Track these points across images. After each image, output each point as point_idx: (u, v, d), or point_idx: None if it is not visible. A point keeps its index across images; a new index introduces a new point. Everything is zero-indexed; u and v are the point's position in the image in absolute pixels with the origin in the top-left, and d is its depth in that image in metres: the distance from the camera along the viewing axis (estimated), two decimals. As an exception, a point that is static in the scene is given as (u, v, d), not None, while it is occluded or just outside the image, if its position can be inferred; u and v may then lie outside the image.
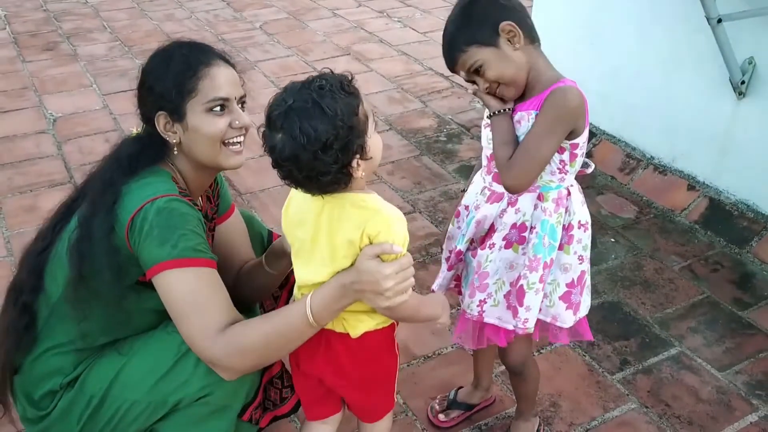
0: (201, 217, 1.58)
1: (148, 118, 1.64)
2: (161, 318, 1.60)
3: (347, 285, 1.41)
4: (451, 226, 1.88)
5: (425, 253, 2.83)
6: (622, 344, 2.40)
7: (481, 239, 1.79)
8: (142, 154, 1.63)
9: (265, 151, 1.37)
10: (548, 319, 1.77)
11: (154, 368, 1.58)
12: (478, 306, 1.78)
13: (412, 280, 1.43)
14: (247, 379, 1.59)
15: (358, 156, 1.36)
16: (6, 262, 2.72)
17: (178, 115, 1.58)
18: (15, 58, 4.68)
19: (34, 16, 5.49)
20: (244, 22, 5.44)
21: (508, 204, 1.72)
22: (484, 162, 1.79)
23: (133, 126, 1.72)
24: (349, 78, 1.40)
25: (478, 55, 1.59)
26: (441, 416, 2.10)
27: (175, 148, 1.63)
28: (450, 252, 1.85)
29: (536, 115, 1.59)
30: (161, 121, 1.60)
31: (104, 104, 4.03)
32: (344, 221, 1.45)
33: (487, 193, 1.75)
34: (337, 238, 1.45)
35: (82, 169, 3.28)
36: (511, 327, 1.76)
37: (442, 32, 1.64)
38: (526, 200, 1.70)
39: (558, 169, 1.69)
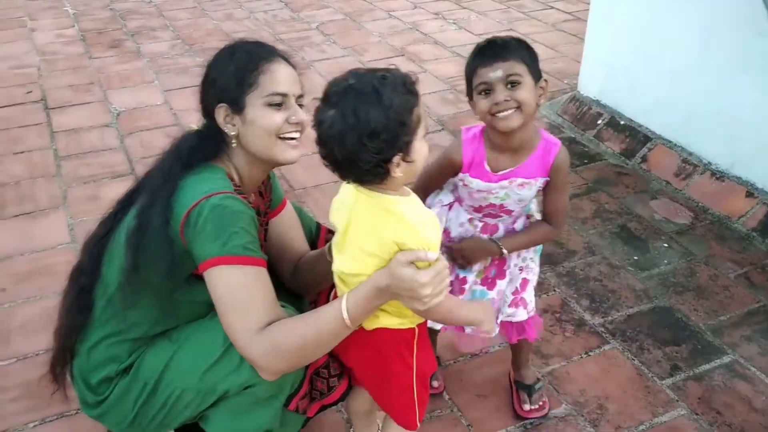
0: (254, 215, 1.61)
1: (208, 112, 1.68)
2: (210, 311, 1.64)
3: (383, 288, 1.43)
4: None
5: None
6: (672, 350, 2.36)
7: (485, 270, 1.97)
8: (200, 147, 1.67)
9: (312, 126, 1.40)
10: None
11: (204, 357, 1.62)
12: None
13: (447, 282, 1.44)
14: (289, 375, 1.62)
15: (401, 154, 1.37)
16: (69, 248, 2.84)
17: (237, 107, 1.63)
18: (83, 55, 4.86)
19: (101, 15, 5.69)
20: (301, 22, 5.53)
21: (506, 233, 1.93)
22: (470, 204, 1.91)
23: (193, 122, 1.77)
24: (413, 78, 1.42)
25: (525, 75, 1.70)
26: (435, 383, 2.18)
27: (233, 142, 1.67)
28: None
29: (549, 180, 1.82)
30: (221, 113, 1.64)
31: (165, 100, 4.16)
32: (371, 222, 1.46)
33: (479, 224, 1.92)
34: (362, 237, 1.47)
35: (142, 162, 3.39)
36: (525, 318, 2.02)
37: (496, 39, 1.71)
38: (519, 225, 1.95)
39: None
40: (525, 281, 2.00)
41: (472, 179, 1.82)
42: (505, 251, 1.90)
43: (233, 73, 1.64)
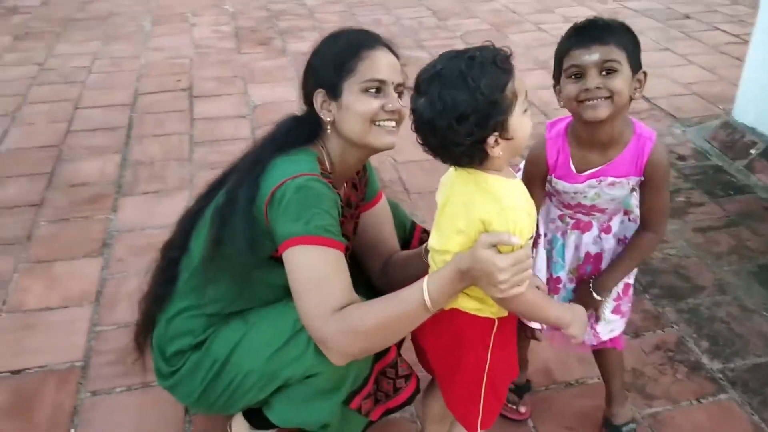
0: (338, 200, 1.58)
1: (308, 97, 1.68)
2: (286, 295, 1.62)
3: (464, 271, 1.37)
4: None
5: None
6: (803, 411, 2.06)
7: (578, 267, 1.81)
8: (295, 131, 1.68)
9: (410, 114, 1.40)
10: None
11: (271, 340, 1.60)
12: (591, 330, 1.83)
13: (530, 272, 1.38)
14: (354, 364, 1.56)
15: (497, 134, 1.33)
16: (187, 227, 2.94)
17: (335, 93, 1.61)
18: (233, 50, 5.11)
19: (256, 14, 5.96)
20: (446, 30, 5.49)
21: (601, 231, 1.76)
22: (562, 202, 1.77)
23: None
24: (507, 53, 1.36)
25: (623, 63, 1.53)
26: (522, 408, 2.04)
27: (329, 127, 1.65)
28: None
29: (644, 181, 1.64)
30: (319, 98, 1.63)
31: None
32: (464, 198, 1.42)
33: (571, 221, 1.77)
34: (454, 213, 1.43)
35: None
36: (624, 327, 1.87)
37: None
38: (616, 222, 1.77)
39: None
40: (627, 286, 1.81)
41: (557, 180, 1.68)
42: (599, 297, 1.75)
43: (333, 59, 1.63)
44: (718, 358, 2.25)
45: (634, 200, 1.76)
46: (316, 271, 1.48)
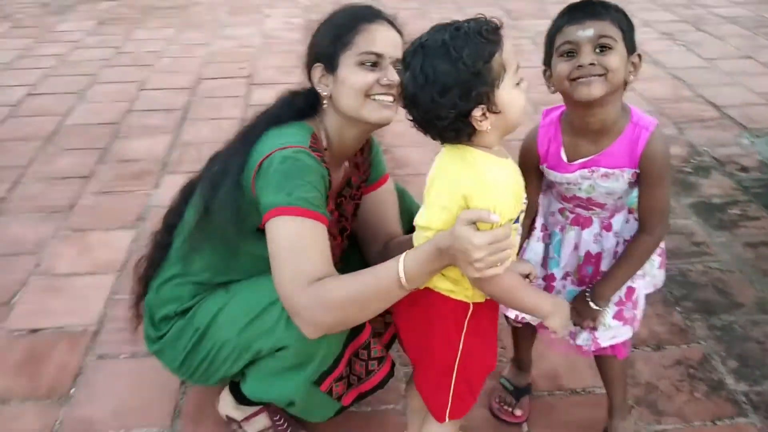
0: (326, 174, 1.56)
1: (308, 73, 1.67)
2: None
3: (443, 249, 1.32)
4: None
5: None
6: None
7: (579, 268, 1.71)
8: (292, 105, 1.68)
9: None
10: (651, 289, 1.76)
11: (246, 312, 1.59)
12: (591, 335, 1.72)
13: (508, 253, 1.32)
14: (324, 341, 1.52)
15: (483, 107, 1.29)
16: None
17: (332, 66, 1.59)
18: (298, 41, 5.08)
19: (329, 9, 6.00)
20: (517, 30, 5.38)
21: (602, 228, 1.66)
22: (560, 195, 1.68)
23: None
24: (496, 24, 1.31)
25: (619, 40, 1.45)
26: (518, 411, 1.94)
27: (326, 102, 1.63)
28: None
29: (640, 175, 1.53)
30: (317, 73, 1.62)
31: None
32: (448, 172, 1.38)
33: (570, 215, 1.66)
34: (439, 187, 1.39)
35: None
36: (631, 335, 1.72)
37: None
38: (618, 220, 1.65)
39: None
40: (631, 290, 1.68)
41: (548, 171, 1.59)
42: (596, 306, 1.64)
43: (331, 32, 1.62)
44: (745, 379, 2.08)
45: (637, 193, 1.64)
46: (295, 241, 1.46)
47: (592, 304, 1.64)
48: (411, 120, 1.37)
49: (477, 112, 1.29)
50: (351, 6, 1.67)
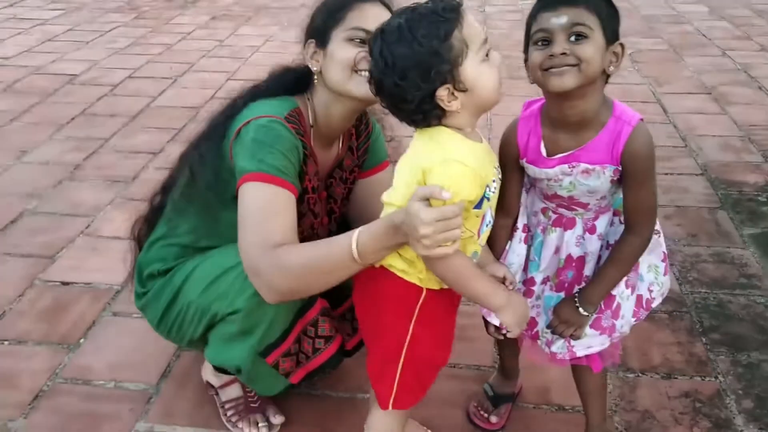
0: (299, 145, 1.59)
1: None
2: None
3: (397, 225, 1.32)
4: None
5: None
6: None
7: (558, 272, 1.62)
8: (281, 80, 1.73)
9: None
10: (661, 300, 1.65)
11: (209, 274, 1.65)
12: (566, 343, 1.62)
13: (457, 233, 1.28)
14: (271, 310, 1.55)
15: (448, 86, 1.28)
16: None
17: (323, 42, 1.63)
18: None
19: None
20: (617, 47, 5.16)
21: (586, 230, 1.57)
22: (542, 193, 1.60)
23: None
24: (455, 3, 1.30)
25: (595, 29, 1.36)
26: (493, 418, 1.87)
27: (316, 78, 1.66)
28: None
29: (623, 173, 1.45)
30: (310, 49, 1.66)
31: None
32: (415, 150, 1.38)
33: (553, 216, 1.58)
34: (403, 165, 1.39)
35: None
36: (607, 345, 1.62)
37: None
38: (602, 222, 1.57)
39: None
40: (611, 298, 1.57)
41: (528, 165, 1.52)
42: (585, 312, 1.56)
43: (326, 9, 1.65)
44: (757, 421, 1.89)
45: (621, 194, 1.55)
46: (262, 206, 1.50)
47: (581, 309, 1.56)
48: (383, 106, 1.38)
49: (442, 92, 1.28)
50: None
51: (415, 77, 1.27)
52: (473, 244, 1.44)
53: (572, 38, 1.35)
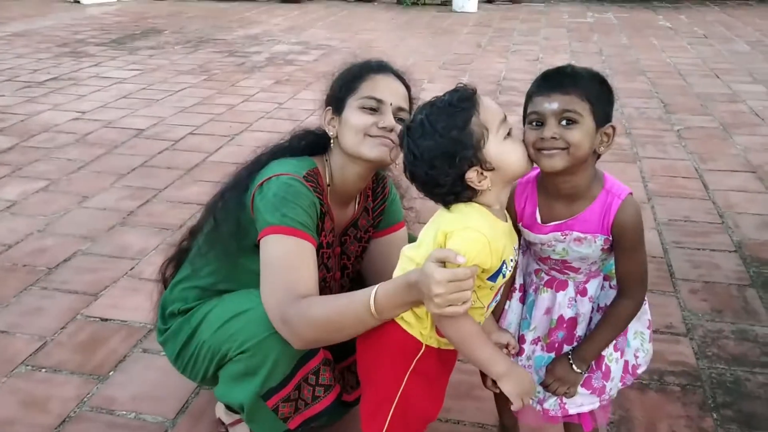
0: (317, 202, 1.72)
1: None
2: None
3: (412, 283, 1.42)
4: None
5: (658, 379, 2.33)
6: None
7: (550, 332, 1.69)
8: (305, 141, 1.88)
9: None
10: (645, 367, 1.71)
11: (223, 315, 1.76)
12: (559, 401, 1.69)
13: (467, 295, 1.37)
14: (273, 353, 1.65)
15: (476, 168, 1.40)
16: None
17: (338, 109, 1.77)
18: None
19: (486, 87, 6.22)
20: (665, 123, 5.19)
21: (577, 293, 1.64)
22: (536, 256, 1.69)
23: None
24: (467, 92, 1.42)
25: (585, 115, 1.46)
26: None
27: (333, 142, 1.80)
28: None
29: (614, 242, 1.54)
30: (327, 115, 1.81)
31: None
32: (440, 214, 1.49)
33: (546, 277, 1.66)
34: (429, 227, 1.50)
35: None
36: (597, 406, 1.68)
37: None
38: (593, 286, 1.64)
39: None
40: (600, 359, 1.65)
41: (524, 229, 1.62)
42: (578, 370, 1.63)
43: (342, 79, 1.80)
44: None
45: (613, 260, 1.63)
46: (287, 257, 1.63)
47: (575, 366, 1.62)
48: (419, 190, 1.50)
49: (471, 174, 1.41)
50: (365, 60, 1.85)
51: (443, 165, 1.40)
52: (480, 316, 1.54)
53: (563, 122, 1.45)
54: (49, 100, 5.59)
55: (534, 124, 1.49)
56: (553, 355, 1.68)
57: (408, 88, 1.84)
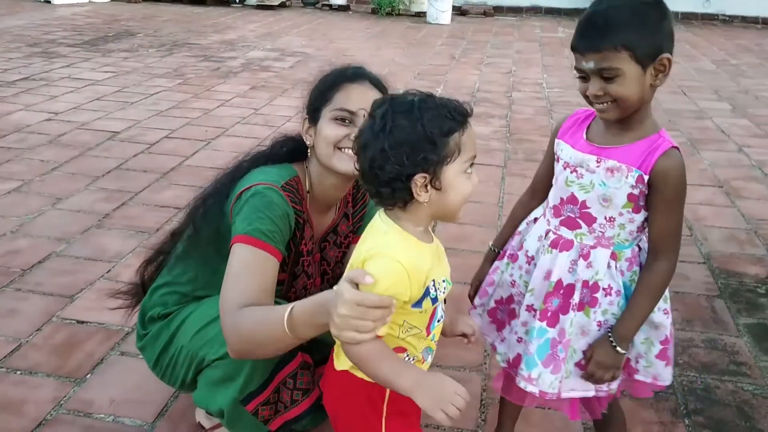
0: (291, 213, 1.71)
1: None
2: None
3: (323, 302, 1.37)
4: (500, 272, 1.78)
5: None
6: None
7: (546, 297, 1.64)
8: (285, 148, 1.87)
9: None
10: (648, 380, 1.70)
11: (200, 321, 1.77)
12: (558, 382, 1.65)
13: (369, 326, 1.28)
14: (250, 361, 1.66)
15: (426, 177, 1.31)
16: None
17: (314, 119, 1.77)
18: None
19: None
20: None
21: (580, 256, 1.61)
22: (553, 202, 1.66)
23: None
24: (465, 109, 1.37)
25: (625, 65, 1.45)
26: None
27: (309, 151, 1.81)
28: (498, 302, 1.76)
29: (652, 191, 1.52)
30: (305, 124, 1.81)
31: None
32: (369, 234, 1.42)
33: (552, 237, 1.64)
34: (358, 244, 1.44)
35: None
36: (591, 394, 1.65)
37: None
38: (600, 256, 1.59)
39: (639, 228, 1.61)
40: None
41: (564, 145, 1.63)
42: (622, 350, 1.58)
43: (319, 88, 1.79)
44: (729, 504, 1.92)
45: (627, 234, 1.60)
46: (240, 268, 1.61)
47: (619, 348, 1.58)
48: (357, 170, 1.39)
49: (419, 179, 1.31)
50: (341, 66, 1.82)
51: (403, 152, 1.30)
52: (423, 340, 1.45)
53: (604, 76, 1.47)
54: (20, 101, 5.52)
55: (581, 78, 1.52)
56: (545, 324, 1.63)
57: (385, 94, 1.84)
